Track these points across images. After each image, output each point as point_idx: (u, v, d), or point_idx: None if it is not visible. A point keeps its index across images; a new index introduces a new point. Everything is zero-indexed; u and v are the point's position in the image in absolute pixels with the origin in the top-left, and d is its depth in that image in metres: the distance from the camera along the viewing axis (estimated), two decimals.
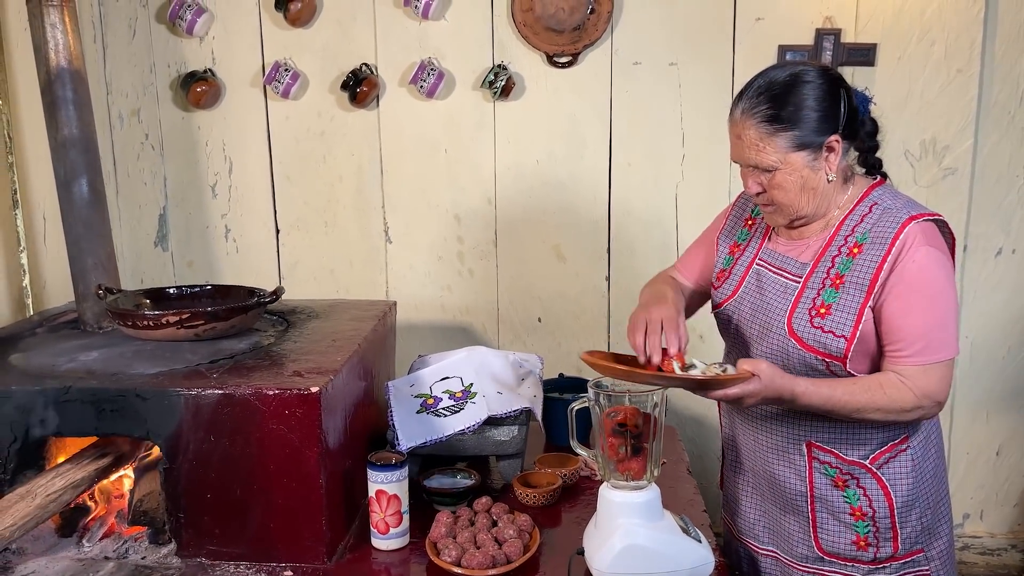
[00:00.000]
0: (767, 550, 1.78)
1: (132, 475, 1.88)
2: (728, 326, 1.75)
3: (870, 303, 1.50)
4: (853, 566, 1.64)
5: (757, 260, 1.69)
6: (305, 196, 2.83)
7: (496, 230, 2.80)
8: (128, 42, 2.76)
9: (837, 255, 1.55)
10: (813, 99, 1.49)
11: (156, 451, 1.77)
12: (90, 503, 1.86)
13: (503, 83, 2.63)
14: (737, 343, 1.73)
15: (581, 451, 1.68)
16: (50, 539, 1.80)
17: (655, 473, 1.58)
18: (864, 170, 1.65)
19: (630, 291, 2.77)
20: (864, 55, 2.57)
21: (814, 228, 1.61)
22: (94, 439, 1.78)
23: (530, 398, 2.05)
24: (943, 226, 1.56)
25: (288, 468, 1.67)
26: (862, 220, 1.55)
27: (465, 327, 2.87)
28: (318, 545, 1.70)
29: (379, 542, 1.74)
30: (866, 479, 1.60)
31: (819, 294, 1.55)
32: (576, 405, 1.68)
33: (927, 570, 1.65)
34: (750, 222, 1.76)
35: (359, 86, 2.66)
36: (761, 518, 1.78)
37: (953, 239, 1.58)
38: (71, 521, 1.83)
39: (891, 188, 1.62)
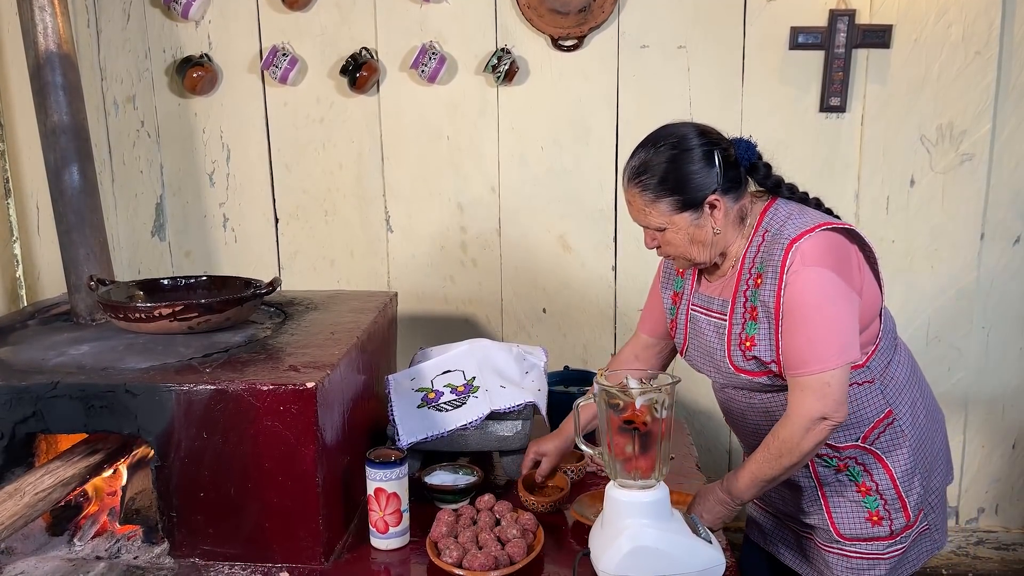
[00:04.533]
0: (806, 532, 1.80)
1: (125, 472, 1.83)
2: (696, 369, 1.80)
3: (780, 330, 1.55)
4: (873, 543, 1.68)
5: (691, 306, 1.75)
6: (304, 184, 2.77)
7: (500, 219, 2.74)
8: (122, 27, 2.70)
9: (746, 288, 1.61)
10: (687, 165, 1.56)
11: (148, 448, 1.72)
12: (82, 501, 1.82)
13: (506, 67, 2.56)
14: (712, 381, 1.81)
15: (587, 449, 1.62)
16: (40, 538, 1.76)
17: (664, 472, 1.52)
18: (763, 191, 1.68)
19: (637, 281, 2.71)
20: (879, 37, 2.49)
21: (727, 265, 1.67)
22: (84, 436, 1.73)
23: (534, 392, 1.99)
24: (835, 230, 1.56)
25: (284, 466, 1.62)
26: (758, 250, 1.61)
27: (468, 318, 2.81)
28: (315, 545, 1.65)
29: (378, 541, 1.69)
30: (864, 457, 1.67)
31: (743, 328, 1.62)
32: (581, 401, 1.62)
33: (927, 526, 1.73)
34: (681, 271, 1.81)
35: (359, 71, 2.59)
36: (789, 506, 1.80)
37: (852, 232, 1.59)
38: (62, 519, 1.78)
39: (781, 206, 1.63)
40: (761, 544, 1.90)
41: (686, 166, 1.56)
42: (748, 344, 1.60)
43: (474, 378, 2.01)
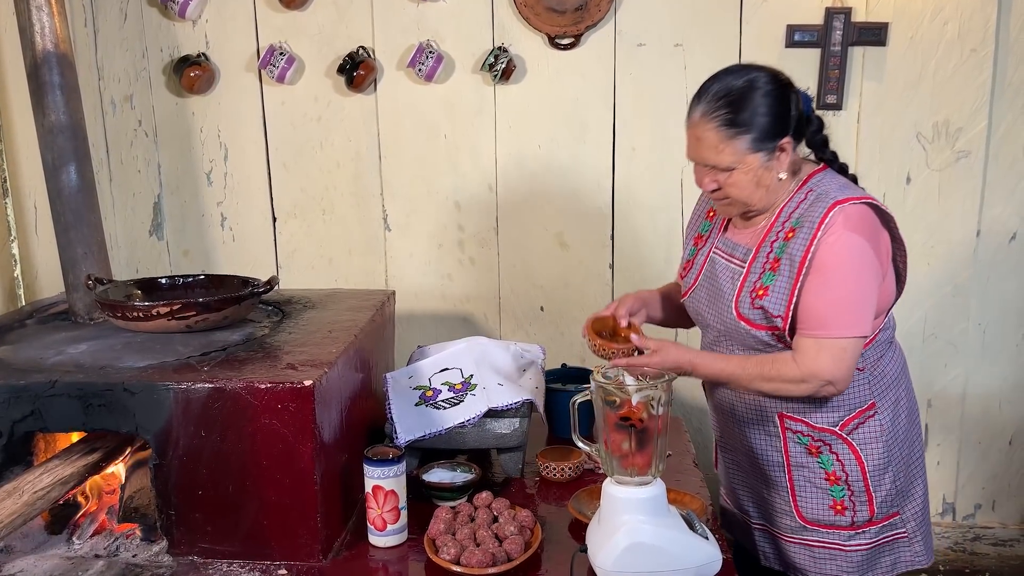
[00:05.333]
0: (758, 523, 1.84)
1: (123, 471, 1.83)
2: (694, 313, 1.83)
3: (800, 283, 1.57)
4: (834, 532, 1.71)
5: (713, 249, 1.77)
6: (302, 183, 2.77)
7: (497, 217, 2.74)
8: (119, 26, 2.70)
9: (775, 240, 1.63)
10: (768, 104, 1.56)
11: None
12: (80, 499, 1.82)
13: (503, 66, 2.56)
14: (703, 327, 1.83)
15: (584, 446, 1.63)
16: (39, 536, 1.76)
17: (660, 468, 1.53)
18: (814, 158, 1.72)
19: (634, 279, 2.71)
20: (875, 35, 2.49)
21: (761, 217, 1.69)
22: (82, 434, 1.73)
23: (531, 389, 2.00)
24: (877, 208, 1.61)
25: (282, 464, 1.63)
26: (798, 206, 1.63)
27: (466, 316, 2.81)
28: (313, 543, 1.65)
29: (376, 539, 1.70)
30: (838, 445, 1.68)
31: (760, 277, 1.63)
32: (578, 398, 1.63)
33: (903, 532, 1.73)
34: (711, 213, 1.84)
35: (356, 70, 2.59)
36: (748, 493, 1.85)
37: (892, 218, 1.64)
38: (61, 518, 1.79)
39: (831, 174, 1.67)
40: (742, 541, 1.92)
41: (769, 104, 1.56)
42: (760, 292, 1.61)
43: (472, 376, 2.01)
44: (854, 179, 1.72)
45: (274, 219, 2.81)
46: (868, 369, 1.68)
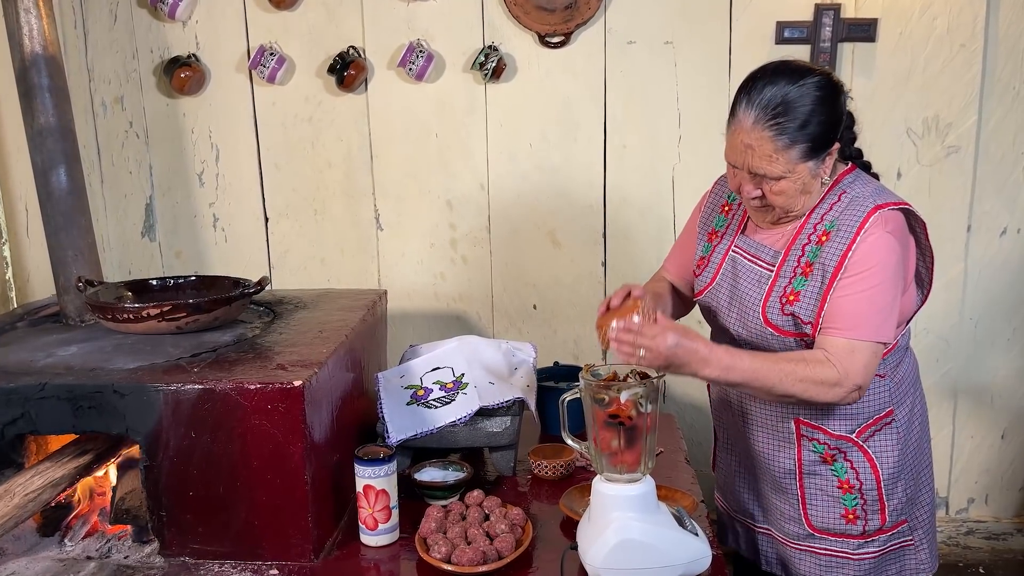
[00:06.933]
0: (763, 528, 1.80)
1: (115, 472, 1.83)
2: (708, 313, 1.77)
3: (832, 288, 1.52)
4: (844, 541, 1.67)
5: (733, 248, 1.70)
6: (293, 183, 2.77)
7: (489, 216, 2.74)
8: (109, 27, 2.69)
9: (807, 243, 1.58)
10: (824, 112, 1.48)
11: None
12: (72, 501, 1.82)
13: (494, 65, 2.56)
14: (718, 330, 1.76)
15: (573, 443, 1.63)
16: (31, 539, 1.76)
17: (650, 465, 1.53)
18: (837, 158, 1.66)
19: (626, 277, 2.72)
20: (864, 31, 2.50)
21: (788, 217, 1.63)
22: (73, 436, 1.73)
23: (523, 388, 2.00)
24: (911, 214, 1.57)
25: (272, 464, 1.63)
26: (831, 208, 1.57)
27: (459, 315, 2.82)
28: (304, 543, 1.65)
29: (368, 538, 1.70)
30: (853, 452, 1.63)
31: (790, 282, 1.58)
32: (568, 396, 1.63)
33: (911, 540, 1.70)
34: (727, 208, 1.77)
35: (346, 70, 2.59)
36: (754, 497, 1.81)
37: (923, 224, 1.60)
38: (53, 520, 1.79)
39: (861, 175, 1.62)
40: (736, 545, 1.90)
41: (825, 112, 1.47)
42: (792, 298, 1.55)
43: (463, 375, 2.01)
44: (876, 176, 1.67)
45: (266, 219, 2.81)
46: (888, 375, 1.64)
